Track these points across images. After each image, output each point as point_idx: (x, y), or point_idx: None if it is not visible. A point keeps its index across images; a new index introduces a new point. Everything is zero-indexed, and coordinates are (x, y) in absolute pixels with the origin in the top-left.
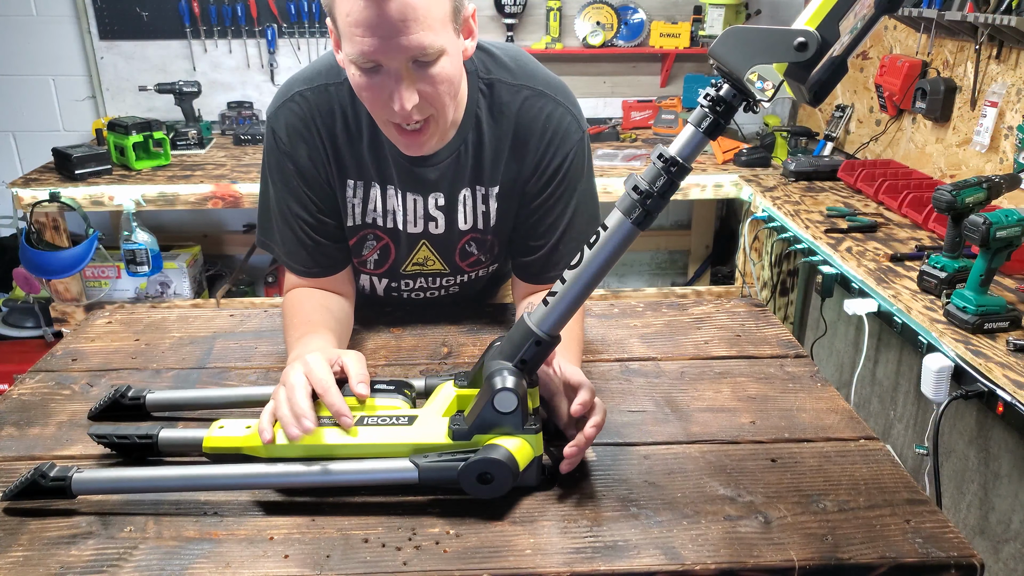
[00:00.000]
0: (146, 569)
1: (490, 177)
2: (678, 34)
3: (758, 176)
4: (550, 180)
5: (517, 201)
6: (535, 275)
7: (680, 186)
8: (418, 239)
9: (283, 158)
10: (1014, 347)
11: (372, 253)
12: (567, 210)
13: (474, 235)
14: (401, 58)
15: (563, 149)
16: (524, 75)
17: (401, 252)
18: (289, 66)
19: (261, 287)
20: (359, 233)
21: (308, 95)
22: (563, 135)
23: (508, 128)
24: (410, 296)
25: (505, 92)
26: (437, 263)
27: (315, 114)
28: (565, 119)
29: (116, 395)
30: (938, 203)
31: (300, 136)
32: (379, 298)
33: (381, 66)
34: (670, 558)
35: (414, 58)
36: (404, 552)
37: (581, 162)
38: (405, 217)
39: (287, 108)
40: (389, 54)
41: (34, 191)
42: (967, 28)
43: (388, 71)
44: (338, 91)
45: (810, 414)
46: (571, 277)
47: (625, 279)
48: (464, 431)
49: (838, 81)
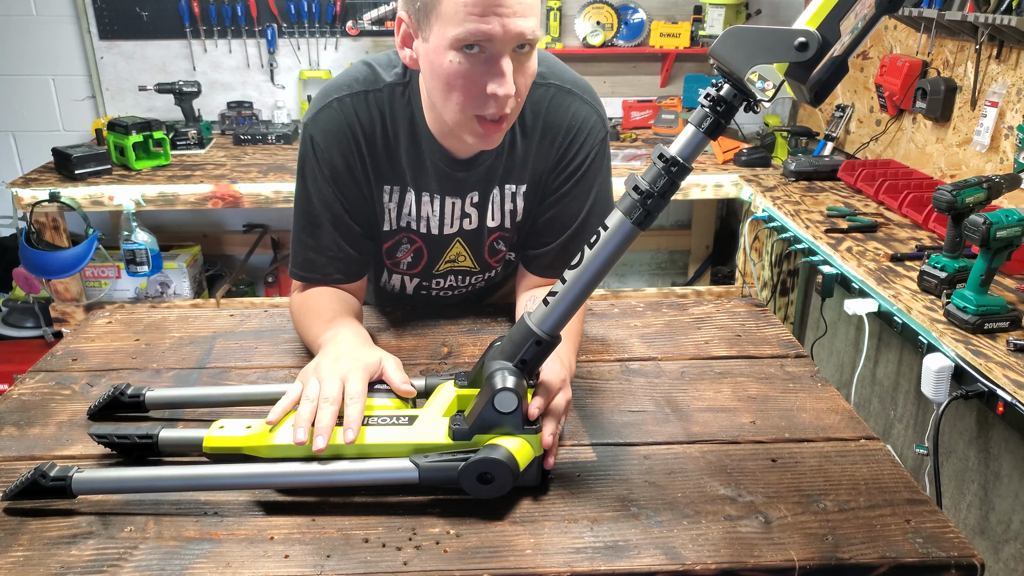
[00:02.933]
0: (146, 569)
1: (519, 175)
2: (678, 34)
3: (758, 176)
4: (571, 175)
5: (540, 196)
6: (546, 268)
7: (680, 186)
8: (452, 238)
9: (319, 164)
10: (1014, 347)
11: (406, 256)
12: (584, 205)
13: (502, 233)
14: (512, 40)
15: (586, 146)
16: (551, 74)
17: (435, 253)
18: (289, 66)
19: (261, 287)
20: (395, 237)
21: (347, 101)
22: (588, 132)
23: (536, 125)
24: (438, 295)
25: (534, 91)
26: (468, 259)
27: (353, 120)
28: (591, 117)
29: (115, 393)
30: (938, 203)
31: (337, 141)
32: (407, 296)
33: (484, 52)
34: (670, 558)
35: (521, 43)
36: (404, 552)
37: (602, 160)
38: (442, 221)
39: (325, 114)
40: (505, 36)
41: (34, 191)
42: (967, 28)
43: (492, 56)
44: (376, 98)
45: (810, 414)
46: (571, 277)
47: (625, 279)
48: (464, 431)
49: (839, 81)
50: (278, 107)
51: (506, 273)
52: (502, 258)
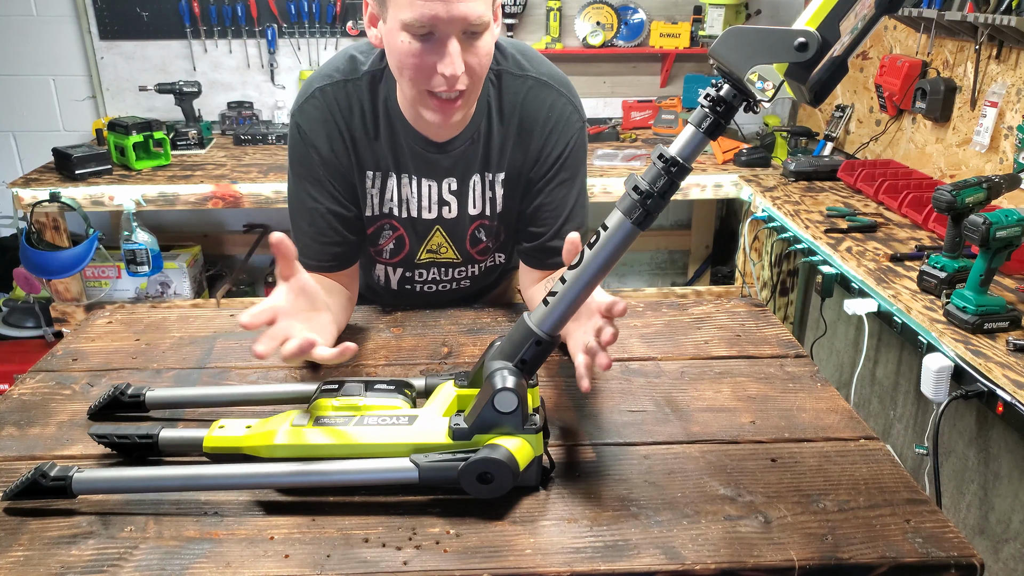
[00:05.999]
0: (146, 569)
1: (497, 164)
2: (678, 34)
3: (758, 176)
4: (552, 166)
5: (522, 188)
6: (540, 260)
7: (680, 186)
8: (432, 225)
9: (308, 150)
10: (1014, 347)
11: (388, 243)
12: (569, 195)
13: (482, 221)
14: (458, 25)
15: (564, 137)
16: (530, 67)
17: (415, 240)
18: (289, 66)
19: (261, 287)
20: (376, 223)
21: (328, 90)
22: (565, 123)
23: (514, 117)
24: (423, 289)
25: (512, 83)
26: (450, 250)
27: (334, 108)
28: (567, 109)
29: (115, 393)
30: (938, 203)
31: (322, 128)
32: (392, 291)
33: (433, 34)
34: (670, 558)
35: (467, 28)
36: (404, 552)
37: (582, 150)
38: (420, 203)
39: (310, 103)
40: (450, 21)
41: (34, 191)
42: (967, 28)
43: (440, 39)
44: (356, 87)
45: (810, 414)
46: (571, 277)
47: (625, 279)
48: (464, 431)
49: (838, 81)
50: (278, 107)
51: (494, 275)
52: (484, 249)
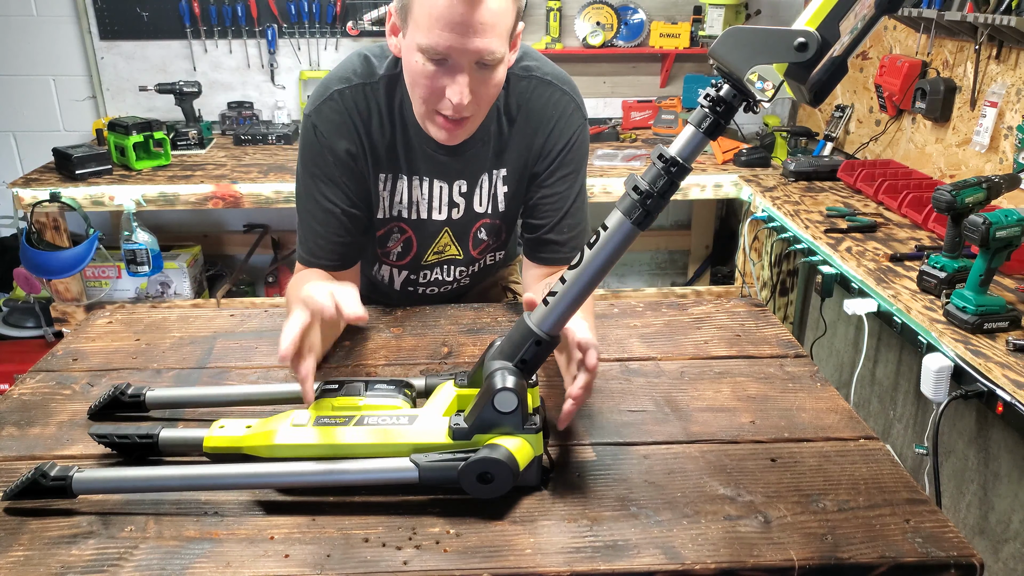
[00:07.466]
0: (146, 569)
1: (503, 162)
2: (678, 34)
3: (758, 176)
4: (554, 159)
5: (525, 185)
6: (536, 252)
7: (680, 186)
8: (441, 226)
9: (323, 150)
10: (1014, 347)
11: (396, 245)
12: (571, 189)
13: (486, 220)
14: (471, 57)
15: (567, 132)
16: (533, 67)
17: (424, 243)
18: (289, 66)
19: (261, 287)
20: (387, 226)
21: (347, 93)
22: (567, 120)
23: (518, 115)
24: (425, 291)
25: (517, 83)
26: (453, 248)
27: (352, 111)
28: (569, 106)
29: (116, 393)
30: (938, 203)
31: (339, 129)
32: (395, 292)
33: (447, 60)
34: (670, 558)
35: (480, 60)
36: (404, 552)
37: (583, 147)
38: (430, 204)
39: (328, 105)
40: (463, 52)
41: (34, 191)
42: (967, 28)
43: (453, 66)
44: (373, 90)
45: (810, 414)
46: (571, 277)
47: (625, 279)
48: (464, 431)
49: (838, 81)
50: (278, 107)
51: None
52: (484, 248)
